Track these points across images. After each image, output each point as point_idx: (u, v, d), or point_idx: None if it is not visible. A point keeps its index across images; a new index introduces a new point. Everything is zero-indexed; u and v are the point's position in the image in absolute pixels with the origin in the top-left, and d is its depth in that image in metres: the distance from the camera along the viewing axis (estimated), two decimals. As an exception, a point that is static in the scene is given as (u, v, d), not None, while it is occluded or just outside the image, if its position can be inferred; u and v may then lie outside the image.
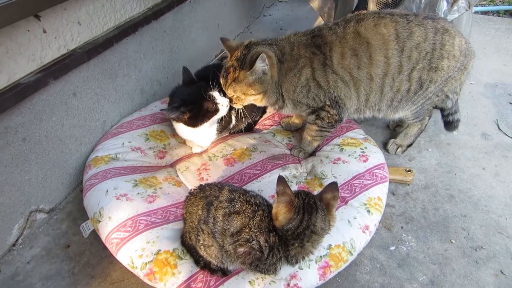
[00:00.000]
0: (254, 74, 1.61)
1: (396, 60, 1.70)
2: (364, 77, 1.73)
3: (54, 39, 1.62)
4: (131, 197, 1.59)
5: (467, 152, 2.12)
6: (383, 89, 1.76)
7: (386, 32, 1.68)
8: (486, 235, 1.67)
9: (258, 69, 1.60)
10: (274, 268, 1.22)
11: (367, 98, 1.79)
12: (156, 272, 1.36)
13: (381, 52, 1.69)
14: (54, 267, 1.55)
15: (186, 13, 2.50)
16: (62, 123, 1.75)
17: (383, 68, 1.71)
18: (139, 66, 2.18)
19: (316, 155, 1.94)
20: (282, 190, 1.20)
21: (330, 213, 1.24)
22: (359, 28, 1.69)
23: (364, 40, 1.68)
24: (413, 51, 1.69)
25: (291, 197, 1.20)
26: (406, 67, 1.71)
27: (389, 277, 1.51)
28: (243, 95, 1.68)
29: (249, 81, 1.63)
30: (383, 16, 1.72)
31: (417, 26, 1.69)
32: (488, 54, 3.09)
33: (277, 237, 1.20)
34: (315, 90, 1.74)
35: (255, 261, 1.21)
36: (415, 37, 1.68)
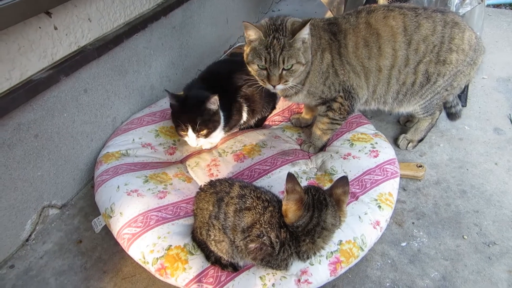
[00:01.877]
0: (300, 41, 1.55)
1: (403, 53, 1.69)
2: (374, 68, 1.72)
3: (65, 36, 1.63)
4: (142, 193, 1.60)
5: (479, 147, 2.09)
6: (390, 81, 1.75)
7: (394, 24, 1.67)
8: (499, 230, 1.65)
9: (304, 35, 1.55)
10: (286, 263, 1.22)
11: (374, 90, 1.79)
12: (168, 267, 1.37)
13: (389, 44, 1.68)
14: (66, 262, 1.57)
15: (195, 9, 2.50)
16: (73, 120, 1.76)
17: (391, 60, 1.70)
18: (149, 62, 2.18)
19: (326, 150, 1.93)
20: (292, 188, 1.19)
21: (341, 209, 1.23)
22: (370, 19, 1.69)
23: (374, 31, 1.68)
24: (420, 44, 1.68)
25: (301, 195, 1.19)
26: (413, 60, 1.71)
27: (401, 273, 1.51)
28: (296, 64, 1.57)
29: (298, 47, 1.55)
30: (392, 9, 1.71)
31: (425, 19, 1.68)
32: (500, 47, 3.04)
33: (288, 233, 1.19)
34: (332, 78, 1.73)
35: (266, 256, 1.21)
36: (422, 30, 1.67)
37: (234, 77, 1.96)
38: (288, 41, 1.52)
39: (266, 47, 1.54)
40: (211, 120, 1.78)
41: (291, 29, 1.54)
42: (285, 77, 1.58)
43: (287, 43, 1.52)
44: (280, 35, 1.53)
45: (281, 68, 1.55)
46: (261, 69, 1.59)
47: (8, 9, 1.31)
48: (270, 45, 1.53)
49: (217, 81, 1.95)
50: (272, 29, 1.54)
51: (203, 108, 1.74)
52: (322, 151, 1.95)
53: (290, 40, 1.52)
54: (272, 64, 1.55)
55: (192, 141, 1.80)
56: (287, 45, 1.52)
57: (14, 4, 1.32)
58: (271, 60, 1.54)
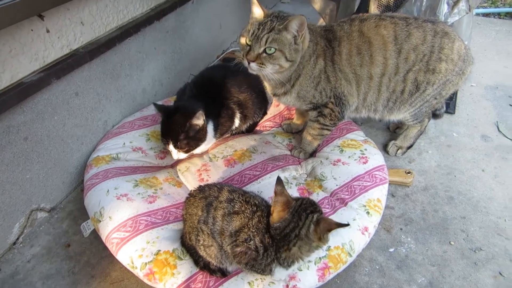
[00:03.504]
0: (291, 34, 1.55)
1: (393, 61, 1.72)
2: (365, 76, 1.75)
3: (57, 39, 1.63)
4: (132, 197, 1.60)
5: (467, 154, 2.13)
6: (380, 88, 1.78)
7: (385, 33, 1.70)
8: (485, 236, 1.68)
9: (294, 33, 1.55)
10: (270, 268, 1.23)
11: (364, 97, 1.81)
12: (156, 272, 1.37)
13: (380, 53, 1.71)
14: (54, 266, 1.56)
15: (188, 13, 2.51)
16: (64, 123, 1.76)
17: (382, 68, 1.73)
18: (141, 66, 2.19)
19: (316, 156, 1.95)
20: (280, 191, 1.23)
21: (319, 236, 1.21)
22: (362, 27, 1.72)
23: (366, 39, 1.71)
24: (410, 53, 1.71)
25: (288, 198, 1.23)
26: (402, 69, 1.73)
27: (388, 278, 1.52)
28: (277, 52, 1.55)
29: (287, 38, 1.55)
30: (384, 18, 1.74)
31: (416, 29, 1.71)
32: (489, 56, 3.09)
33: (271, 238, 1.21)
34: (323, 84, 1.75)
35: (251, 261, 1.22)
36: (413, 39, 1.70)
37: (227, 83, 1.97)
38: (278, 27, 1.53)
39: (259, 24, 1.56)
40: (194, 137, 1.77)
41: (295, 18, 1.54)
42: (263, 59, 1.56)
43: (277, 28, 1.53)
44: (276, 20, 1.55)
45: (263, 47, 1.54)
46: (246, 44, 1.60)
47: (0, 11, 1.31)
48: (263, 23, 1.55)
49: (210, 86, 1.95)
50: (275, 15, 1.58)
51: (187, 125, 1.72)
52: (313, 157, 1.97)
53: (280, 26, 1.53)
54: (255, 39, 1.55)
55: (174, 155, 1.80)
56: (277, 29, 1.53)
57: (5, 7, 1.32)
58: (256, 35, 1.55)
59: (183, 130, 1.73)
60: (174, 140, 1.74)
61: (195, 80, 2.06)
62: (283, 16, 1.58)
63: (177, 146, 1.76)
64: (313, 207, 1.23)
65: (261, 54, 1.56)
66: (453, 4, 2.11)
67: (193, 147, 1.80)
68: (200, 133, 1.78)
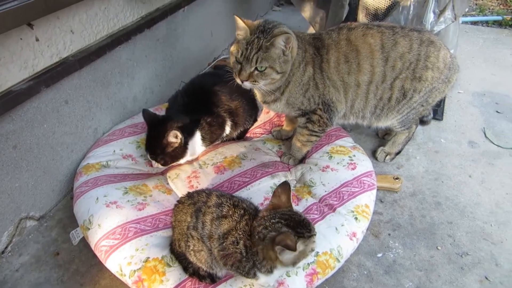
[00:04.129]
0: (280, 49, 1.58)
1: (380, 69, 1.75)
2: (353, 83, 1.77)
3: (46, 48, 1.64)
4: (121, 205, 1.60)
5: (454, 160, 2.16)
6: (368, 96, 1.81)
7: (372, 42, 1.73)
8: (471, 241, 1.70)
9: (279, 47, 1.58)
10: (254, 272, 1.23)
11: (352, 104, 1.84)
12: (145, 279, 1.37)
13: (367, 61, 1.74)
14: (43, 275, 1.55)
15: (179, 21, 2.53)
16: (54, 131, 1.76)
17: (369, 76, 1.76)
18: (132, 74, 2.20)
19: (306, 163, 1.96)
20: (278, 193, 1.26)
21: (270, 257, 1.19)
22: (350, 36, 1.75)
23: (354, 47, 1.74)
24: (397, 61, 1.74)
25: (280, 204, 1.25)
26: (389, 76, 1.77)
27: (376, 283, 1.53)
28: (269, 69, 1.59)
29: (276, 54, 1.58)
30: (371, 27, 1.78)
31: (402, 37, 1.74)
32: (476, 63, 3.14)
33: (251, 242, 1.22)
34: (312, 91, 1.77)
35: (236, 262, 1.23)
36: (399, 47, 1.73)
37: (218, 91, 1.99)
38: (265, 44, 1.56)
39: (247, 43, 1.59)
40: (171, 155, 1.80)
41: (279, 32, 1.58)
42: (255, 77, 1.61)
43: (265, 45, 1.56)
44: (262, 37, 1.57)
45: (253, 66, 1.59)
46: (237, 62, 1.63)
47: (-12, 21, 1.32)
48: (250, 43, 1.58)
49: (201, 94, 1.97)
50: (260, 30, 1.60)
51: (163, 142, 1.75)
52: (302, 163, 1.99)
53: (267, 43, 1.56)
54: (245, 60, 1.59)
55: (153, 164, 1.83)
56: (264, 47, 1.57)
57: (-5, 16, 1.33)
58: (246, 56, 1.58)
59: (159, 146, 1.76)
60: (151, 153, 1.79)
61: (186, 88, 2.07)
62: (268, 29, 1.60)
63: (154, 159, 1.80)
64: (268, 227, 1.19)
65: (253, 72, 1.61)
66: (439, 13, 2.15)
67: (169, 162, 1.83)
68: (177, 151, 1.81)
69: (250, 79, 1.62)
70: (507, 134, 2.34)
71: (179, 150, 1.80)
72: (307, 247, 1.19)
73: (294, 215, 1.21)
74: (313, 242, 1.20)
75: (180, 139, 1.77)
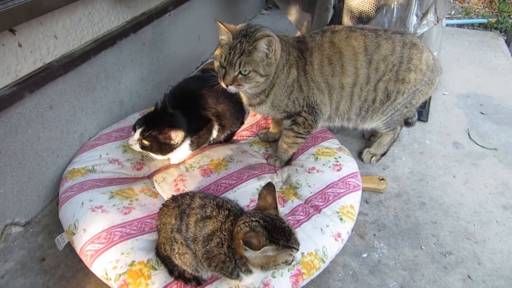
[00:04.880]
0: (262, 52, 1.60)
1: (364, 71, 1.77)
2: (337, 85, 1.79)
3: (29, 53, 1.64)
4: (107, 209, 1.60)
5: (439, 161, 2.18)
6: (352, 98, 1.83)
7: (356, 44, 1.76)
8: (455, 241, 1.72)
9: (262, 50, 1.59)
10: (237, 273, 1.24)
11: (337, 106, 1.86)
12: (130, 283, 1.37)
13: (351, 63, 1.76)
14: (28, 281, 1.55)
15: (165, 26, 2.54)
16: (38, 136, 1.75)
17: (353, 78, 1.78)
18: (118, 78, 2.20)
19: (292, 164, 1.98)
20: (264, 194, 1.26)
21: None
22: (333, 38, 1.78)
23: (337, 50, 1.76)
24: (380, 63, 1.76)
25: (267, 205, 1.25)
26: (373, 78, 1.79)
27: (361, 283, 1.55)
28: (253, 73, 1.62)
29: (259, 57, 1.60)
30: (354, 30, 1.81)
31: (385, 40, 1.76)
32: (461, 65, 3.19)
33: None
34: (296, 93, 1.79)
35: (220, 263, 1.24)
36: (382, 50, 1.76)
37: (205, 94, 1.99)
38: (248, 48, 1.58)
39: (229, 48, 1.61)
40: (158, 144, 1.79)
41: (261, 35, 1.60)
42: (240, 81, 1.63)
43: (247, 49, 1.58)
44: (244, 41, 1.59)
45: (237, 70, 1.61)
46: (221, 67, 1.65)
47: (-31, 27, 1.32)
48: (233, 47, 1.60)
49: (188, 98, 1.98)
50: (242, 34, 1.61)
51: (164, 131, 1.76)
52: (288, 165, 2.00)
53: (250, 47, 1.58)
54: (229, 64, 1.61)
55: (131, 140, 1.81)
56: (247, 51, 1.58)
57: (-25, 22, 1.33)
58: (229, 60, 1.61)
59: (159, 129, 1.76)
60: (148, 127, 1.76)
61: (173, 91, 2.08)
62: (251, 33, 1.61)
63: (142, 131, 1.77)
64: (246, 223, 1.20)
65: (237, 76, 1.62)
66: (421, 16, 2.18)
67: (148, 147, 1.80)
68: (165, 147, 1.81)
69: (234, 83, 1.63)
70: (490, 135, 2.38)
71: (166, 147, 1.80)
72: (280, 256, 1.16)
73: (277, 220, 1.20)
74: (289, 255, 1.17)
75: (177, 142, 1.79)
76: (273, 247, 1.14)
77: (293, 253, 1.18)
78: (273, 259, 1.17)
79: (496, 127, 2.45)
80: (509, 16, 4.09)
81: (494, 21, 4.05)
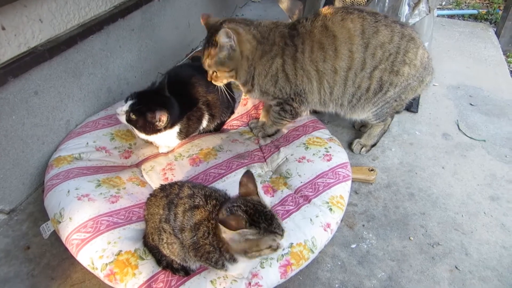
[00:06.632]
0: (221, 51, 1.68)
1: (360, 55, 1.74)
2: (329, 70, 1.78)
3: (13, 37, 1.58)
4: (93, 198, 1.57)
5: (428, 152, 2.19)
6: (346, 82, 1.81)
7: (352, 26, 1.73)
8: (443, 232, 1.73)
9: (224, 45, 1.66)
10: (222, 263, 1.23)
11: (331, 91, 1.85)
12: (117, 273, 1.36)
13: (346, 46, 1.74)
14: (12, 269, 1.52)
15: (155, 11, 2.48)
16: (23, 122, 1.71)
17: (347, 62, 1.76)
18: (106, 64, 2.15)
19: (281, 151, 1.95)
20: (245, 182, 1.24)
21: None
22: (327, 22, 1.75)
23: (330, 33, 1.74)
24: (378, 49, 1.74)
25: (249, 191, 1.23)
26: (369, 65, 1.76)
27: (349, 274, 1.55)
28: (218, 72, 1.76)
29: (219, 58, 1.70)
30: (351, 12, 1.76)
31: (384, 27, 1.74)
32: (452, 56, 3.19)
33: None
34: (282, 82, 1.80)
35: (205, 254, 1.22)
36: (380, 36, 1.73)
37: (195, 83, 1.96)
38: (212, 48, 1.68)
39: (203, 46, 1.74)
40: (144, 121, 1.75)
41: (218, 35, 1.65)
42: (214, 77, 1.78)
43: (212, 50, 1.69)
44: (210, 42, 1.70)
45: (210, 70, 1.75)
46: None
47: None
48: (204, 46, 1.72)
49: (177, 86, 1.93)
50: (212, 32, 1.70)
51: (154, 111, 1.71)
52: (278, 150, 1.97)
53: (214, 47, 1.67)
54: (203, 63, 1.76)
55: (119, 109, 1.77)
56: (212, 53, 1.69)
57: (-45, 3, 1.28)
58: (202, 60, 1.75)
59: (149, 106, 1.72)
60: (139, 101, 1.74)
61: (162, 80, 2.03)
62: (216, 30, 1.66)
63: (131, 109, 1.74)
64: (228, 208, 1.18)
65: (212, 74, 1.77)
66: (414, 6, 2.17)
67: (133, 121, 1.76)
68: (151, 127, 1.76)
69: (213, 80, 1.80)
70: (479, 126, 2.39)
71: (150, 127, 1.76)
72: (262, 241, 1.14)
73: (259, 206, 1.18)
74: (272, 240, 1.15)
75: (161, 125, 1.75)
76: (254, 231, 1.12)
77: (276, 239, 1.16)
78: (255, 243, 1.14)
79: (485, 118, 2.47)
80: (499, 8, 4.09)
81: (484, 12, 4.06)
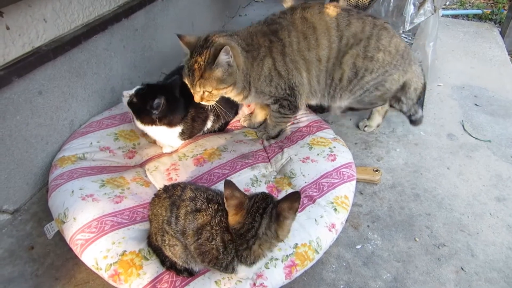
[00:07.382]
0: (220, 68, 1.61)
1: (336, 45, 1.82)
2: (314, 59, 1.83)
3: (18, 36, 1.58)
4: (98, 198, 1.57)
5: (433, 152, 2.18)
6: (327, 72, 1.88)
7: (328, 20, 1.81)
8: (448, 233, 1.72)
9: (223, 62, 1.60)
10: (232, 267, 1.22)
11: (318, 80, 1.90)
12: (121, 273, 1.35)
13: (325, 36, 1.81)
14: (16, 269, 1.52)
15: (158, 11, 2.48)
16: (27, 122, 1.71)
17: (327, 52, 1.83)
18: (110, 64, 2.15)
19: (285, 152, 1.95)
20: (230, 194, 1.21)
21: (280, 224, 1.19)
22: (305, 14, 1.82)
23: (311, 24, 1.81)
24: (350, 39, 1.81)
25: (241, 199, 1.21)
26: (342, 52, 1.83)
27: (354, 275, 1.54)
28: (215, 90, 1.67)
29: (218, 76, 1.62)
30: (327, 7, 1.85)
31: (356, 19, 1.83)
32: (456, 57, 3.18)
33: (230, 236, 1.21)
34: (276, 79, 1.83)
35: (213, 259, 1.22)
36: (352, 28, 1.82)
37: None
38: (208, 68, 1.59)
39: (189, 68, 1.63)
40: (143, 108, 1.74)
41: (213, 53, 1.58)
42: (207, 98, 1.68)
43: (207, 71, 1.59)
44: (202, 60, 1.59)
45: (200, 92, 1.65)
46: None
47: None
48: (191, 67, 1.61)
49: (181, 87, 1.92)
50: (198, 51, 1.60)
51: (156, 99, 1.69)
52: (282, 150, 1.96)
53: (210, 67, 1.59)
54: (192, 86, 1.65)
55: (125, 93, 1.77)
56: (207, 73, 1.60)
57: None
58: (191, 82, 1.64)
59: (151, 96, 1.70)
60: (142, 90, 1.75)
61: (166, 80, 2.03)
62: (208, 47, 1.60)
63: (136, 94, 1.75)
64: (265, 203, 1.20)
65: (204, 94, 1.67)
66: (419, 5, 2.16)
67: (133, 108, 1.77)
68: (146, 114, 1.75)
69: (203, 100, 1.69)
70: (484, 126, 2.38)
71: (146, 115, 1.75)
72: None
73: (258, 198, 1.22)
74: None
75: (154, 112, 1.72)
76: None
77: None
78: None
79: (490, 118, 2.45)
80: (504, 8, 4.07)
81: (489, 12, 4.04)
